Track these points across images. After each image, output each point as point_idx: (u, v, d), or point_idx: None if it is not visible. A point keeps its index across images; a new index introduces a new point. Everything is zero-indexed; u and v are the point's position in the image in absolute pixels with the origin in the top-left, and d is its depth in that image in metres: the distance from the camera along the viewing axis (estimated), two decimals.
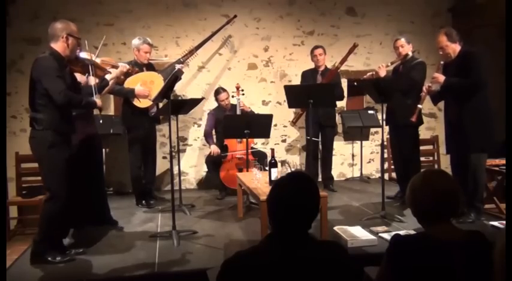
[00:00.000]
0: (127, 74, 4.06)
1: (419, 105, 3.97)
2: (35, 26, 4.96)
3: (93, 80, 3.44)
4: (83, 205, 3.76)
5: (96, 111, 3.71)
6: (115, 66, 3.88)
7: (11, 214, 4.67)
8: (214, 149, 5.01)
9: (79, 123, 3.70)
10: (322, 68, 5.13)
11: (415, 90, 4.20)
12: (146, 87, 4.45)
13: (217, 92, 5.17)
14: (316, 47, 5.12)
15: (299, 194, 1.53)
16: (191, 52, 5.17)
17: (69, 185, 3.17)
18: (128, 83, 4.38)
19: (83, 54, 3.71)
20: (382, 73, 4.39)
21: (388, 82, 4.16)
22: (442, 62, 3.87)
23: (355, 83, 4.73)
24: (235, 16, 5.43)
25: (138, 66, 4.48)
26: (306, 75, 5.23)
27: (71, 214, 3.39)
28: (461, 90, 3.70)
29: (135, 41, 4.56)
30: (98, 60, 3.77)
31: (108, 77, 3.54)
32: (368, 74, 4.50)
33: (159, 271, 2.95)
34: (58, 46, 3.09)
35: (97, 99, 3.29)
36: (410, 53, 4.41)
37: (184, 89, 5.56)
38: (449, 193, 1.64)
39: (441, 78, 3.74)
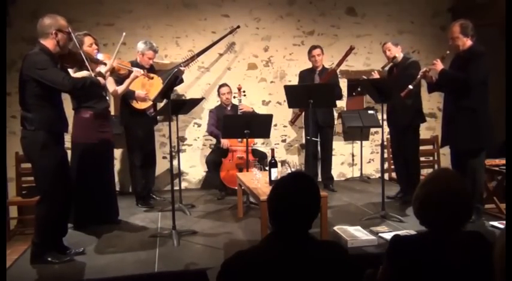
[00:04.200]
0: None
1: (410, 86, 3.97)
2: (35, 26, 4.93)
3: (86, 73, 3.42)
4: (88, 205, 3.79)
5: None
6: (130, 71, 4.08)
7: (11, 214, 4.68)
8: (225, 141, 5.00)
9: (97, 122, 3.73)
10: (319, 68, 5.13)
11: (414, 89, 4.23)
12: (145, 89, 4.46)
13: (220, 86, 5.25)
14: (314, 47, 5.12)
15: (300, 193, 1.53)
16: (192, 58, 5.18)
17: (69, 185, 3.17)
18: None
19: (100, 56, 3.73)
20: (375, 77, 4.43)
21: (387, 82, 4.17)
22: (448, 52, 3.89)
23: (359, 89, 4.75)
24: (238, 27, 5.45)
25: (138, 68, 4.48)
26: (303, 75, 5.24)
27: (71, 213, 3.40)
28: (452, 83, 3.72)
29: (141, 45, 4.55)
30: (115, 63, 3.84)
31: (102, 70, 3.52)
32: (363, 77, 4.54)
33: (159, 271, 2.94)
34: (48, 43, 3.00)
35: (99, 78, 3.27)
36: (398, 55, 4.44)
37: (184, 89, 5.56)
38: (459, 206, 1.60)
39: (439, 66, 3.76)
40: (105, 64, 3.58)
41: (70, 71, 3.42)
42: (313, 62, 5.13)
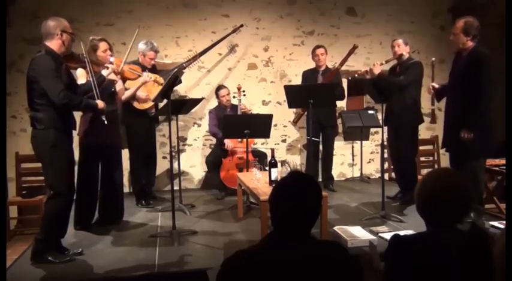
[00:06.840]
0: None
1: (432, 107, 4.08)
2: (35, 26, 4.87)
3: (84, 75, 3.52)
4: (91, 206, 3.82)
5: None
6: (139, 76, 4.13)
7: (11, 214, 4.67)
8: (229, 142, 4.99)
9: (104, 124, 3.69)
10: (323, 68, 5.14)
11: (413, 89, 4.22)
12: (147, 89, 4.46)
13: (218, 88, 5.24)
14: (317, 47, 5.13)
15: (302, 194, 1.53)
16: (194, 58, 5.17)
17: (76, 183, 3.23)
18: (130, 84, 4.38)
19: (111, 59, 3.71)
20: (377, 71, 4.41)
21: (387, 81, 4.17)
22: (433, 59, 4.23)
23: (349, 78, 4.79)
24: (241, 25, 5.43)
25: (140, 68, 4.47)
26: (306, 75, 5.24)
27: (76, 214, 3.42)
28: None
29: (142, 46, 4.54)
30: (126, 68, 3.85)
31: (104, 72, 3.51)
32: (362, 70, 4.57)
33: (159, 271, 2.95)
34: (53, 44, 3.09)
35: (99, 102, 3.27)
36: (405, 54, 4.42)
37: (186, 90, 5.56)
38: (461, 199, 1.62)
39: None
40: (107, 67, 3.54)
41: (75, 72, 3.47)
42: (316, 62, 5.13)
